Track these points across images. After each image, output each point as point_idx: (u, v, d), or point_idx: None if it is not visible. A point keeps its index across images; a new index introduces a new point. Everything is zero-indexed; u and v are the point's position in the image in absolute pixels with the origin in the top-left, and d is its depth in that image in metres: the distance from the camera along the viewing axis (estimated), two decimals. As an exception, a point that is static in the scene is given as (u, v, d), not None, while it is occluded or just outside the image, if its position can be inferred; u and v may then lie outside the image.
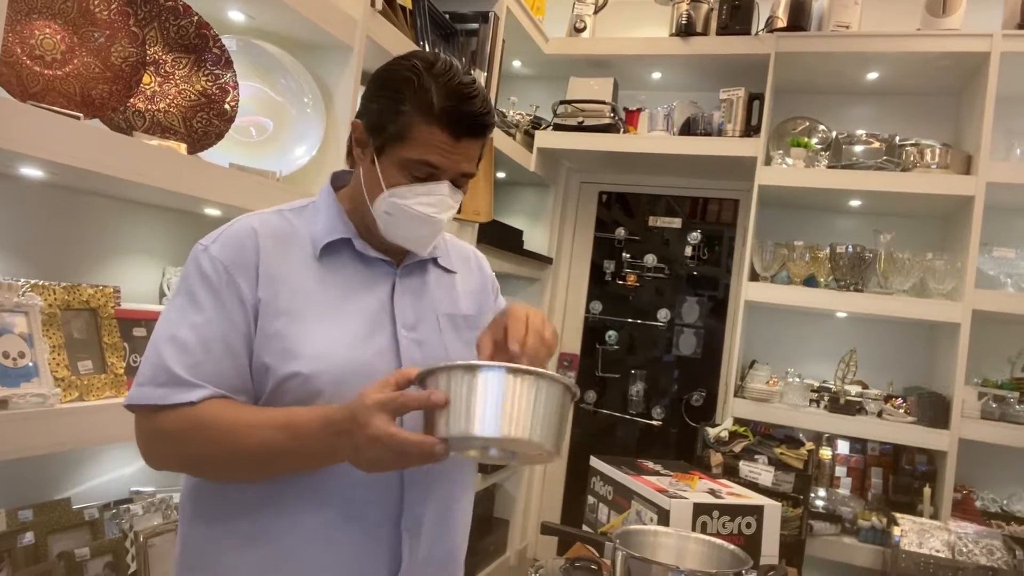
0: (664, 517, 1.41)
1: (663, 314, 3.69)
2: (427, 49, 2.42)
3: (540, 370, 0.89)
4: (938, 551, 2.49)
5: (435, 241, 1.11)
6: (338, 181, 1.17)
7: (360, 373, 1.01)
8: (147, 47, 1.57)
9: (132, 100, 1.61)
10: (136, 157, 1.40)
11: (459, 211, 1.14)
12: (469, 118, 1.02)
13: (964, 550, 2.49)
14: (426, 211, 1.04)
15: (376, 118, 1.05)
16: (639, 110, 3.42)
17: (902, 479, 2.92)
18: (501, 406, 0.85)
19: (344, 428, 0.89)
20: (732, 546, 1.30)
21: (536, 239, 3.70)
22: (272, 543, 1.01)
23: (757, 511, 1.46)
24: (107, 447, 1.79)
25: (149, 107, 1.67)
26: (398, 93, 1.02)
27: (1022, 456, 2.89)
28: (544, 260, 3.65)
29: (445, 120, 1.01)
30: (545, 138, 3.38)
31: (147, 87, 1.66)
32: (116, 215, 1.79)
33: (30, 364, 1.27)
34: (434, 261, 1.19)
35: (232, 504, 1.03)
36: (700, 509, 1.41)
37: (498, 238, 3.05)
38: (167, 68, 1.69)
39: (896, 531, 2.56)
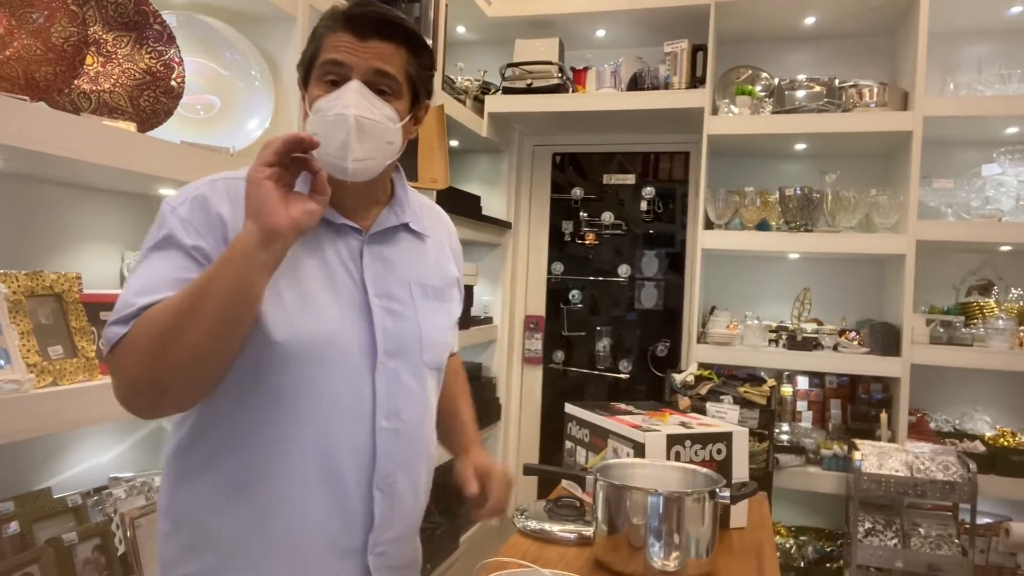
0: (640, 451, 1.47)
1: (623, 270, 3.76)
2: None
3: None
4: (897, 471, 2.63)
5: (356, 147, 1.04)
6: None
7: (333, 342, 1.06)
8: (88, 26, 1.54)
9: (76, 82, 1.58)
10: (87, 137, 1.38)
11: (417, 179, 1.16)
12: (371, 16, 1.06)
13: (921, 468, 2.63)
14: (338, 110, 1.03)
15: (301, 57, 1.13)
16: (586, 69, 3.45)
17: (860, 408, 3.05)
18: None
19: (247, 213, 0.94)
20: (705, 469, 1.37)
21: (494, 205, 3.73)
22: (253, 501, 1.05)
23: (726, 437, 1.54)
24: (83, 436, 1.78)
25: (94, 88, 1.64)
26: (315, 26, 1.11)
27: (971, 377, 3.05)
28: (503, 225, 3.68)
29: (347, 22, 1.06)
30: (495, 103, 3.39)
31: (90, 68, 1.63)
32: (71, 202, 1.76)
33: (0, 351, 1.26)
34: (405, 226, 1.19)
35: (215, 462, 1.06)
36: (673, 440, 1.48)
37: (457, 205, 3.06)
38: (109, 47, 1.66)
39: (857, 456, 2.69)
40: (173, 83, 1.71)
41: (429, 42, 2.82)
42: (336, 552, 1.08)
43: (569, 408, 1.77)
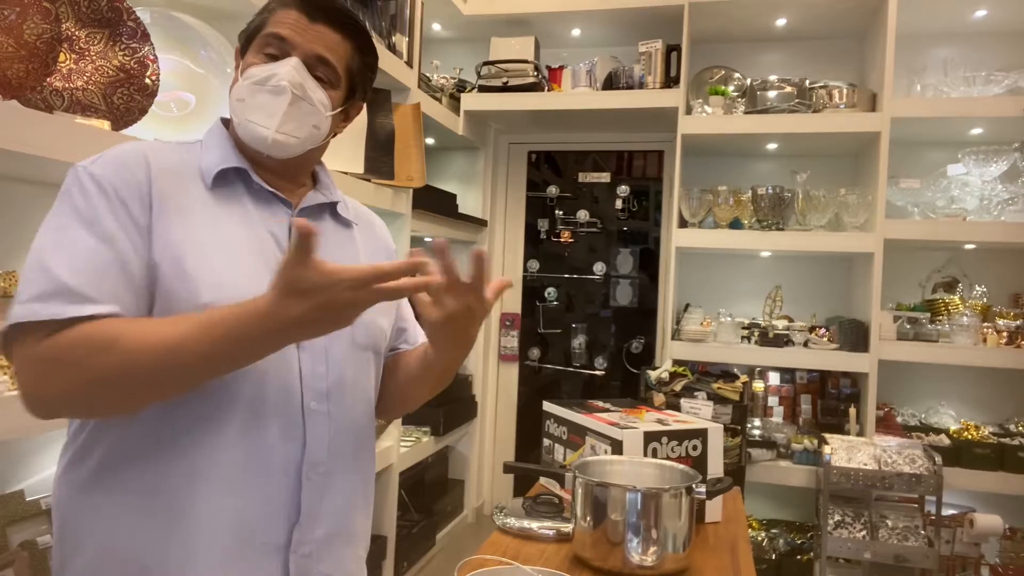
0: (618, 448, 1.49)
1: (599, 268, 3.79)
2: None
3: None
4: (866, 464, 2.69)
5: (283, 120, 1.01)
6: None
7: None
8: (60, 23, 1.52)
9: (49, 79, 1.56)
10: (61, 136, 1.37)
11: (393, 177, 1.11)
12: (323, 2, 1.05)
13: (889, 461, 2.69)
14: (271, 80, 1.01)
15: (246, 26, 1.09)
16: (561, 68, 3.47)
17: (829, 403, 3.12)
18: None
19: (304, 290, 0.83)
20: (681, 466, 1.40)
21: (469, 202, 3.73)
22: (162, 506, 0.93)
23: (702, 434, 1.57)
24: (56, 438, 1.76)
25: (67, 86, 1.61)
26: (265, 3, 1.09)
27: (936, 372, 3.13)
28: (479, 223, 3.69)
29: (300, 1, 1.04)
30: (471, 100, 3.40)
31: (63, 65, 1.61)
32: (44, 202, 1.72)
33: (-27, 353, 1.25)
34: (332, 209, 1.15)
35: (128, 456, 0.94)
36: (650, 437, 1.50)
37: (433, 203, 3.06)
38: (81, 44, 1.64)
39: (827, 450, 2.75)
40: (147, 80, 1.69)
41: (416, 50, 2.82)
42: (254, 547, 0.96)
43: (547, 406, 1.79)
